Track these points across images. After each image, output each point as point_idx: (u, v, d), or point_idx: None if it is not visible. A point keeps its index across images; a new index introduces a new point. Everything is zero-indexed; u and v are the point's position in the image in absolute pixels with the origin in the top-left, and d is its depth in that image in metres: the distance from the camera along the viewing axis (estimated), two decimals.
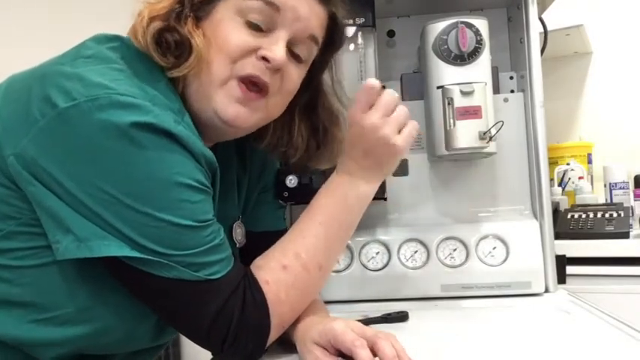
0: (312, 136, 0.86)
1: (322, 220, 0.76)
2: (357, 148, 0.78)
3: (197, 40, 0.69)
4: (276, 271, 0.71)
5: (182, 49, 0.69)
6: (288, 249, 0.73)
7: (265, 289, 0.68)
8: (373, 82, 0.77)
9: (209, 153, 0.68)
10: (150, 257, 0.62)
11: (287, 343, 0.73)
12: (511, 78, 1.13)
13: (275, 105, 0.76)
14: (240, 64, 0.70)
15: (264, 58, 0.70)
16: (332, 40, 0.81)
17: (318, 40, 0.77)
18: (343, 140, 0.85)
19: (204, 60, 0.69)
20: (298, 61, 0.76)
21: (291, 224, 0.78)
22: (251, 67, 0.70)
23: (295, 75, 0.76)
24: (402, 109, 0.78)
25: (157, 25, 0.69)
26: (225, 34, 0.70)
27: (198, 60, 0.69)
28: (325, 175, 0.83)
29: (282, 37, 0.72)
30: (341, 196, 0.78)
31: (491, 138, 0.96)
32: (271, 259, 0.72)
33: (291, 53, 0.74)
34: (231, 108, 0.71)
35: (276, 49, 0.71)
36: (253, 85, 0.71)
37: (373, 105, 0.77)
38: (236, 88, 0.71)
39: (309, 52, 0.77)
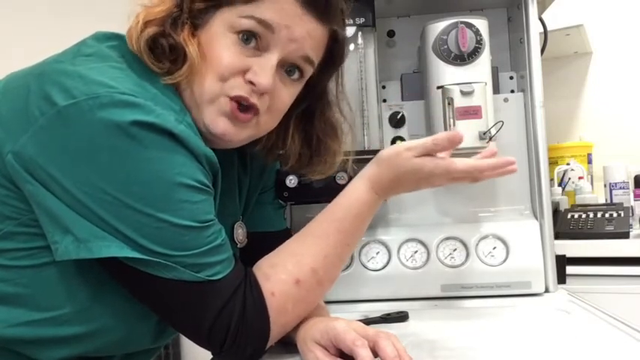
0: (306, 146, 0.85)
1: (349, 242, 0.76)
2: (405, 180, 0.77)
3: (191, 49, 0.68)
4: (287, 285, 0.69)
5: (176, 56, 0.68)
6: (305, 264, 0.71)
7: (270, 300, 0.67)
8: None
9: (210, 153, 0.67)
10: (150, 258, 0.61)
11: (288, 342, 0.73)
12: (511, 78, 1.13)
13: (265, 122, 0.75)
14: (229, 83, 0.69)
15: (252, 82, 0.69)
16: (332, 56, 0.79)
17: (312, 61, 0.75)
18: (338, 152, 0.84)
19: (197, 71, 0.69)
20: (292, 78, 0.75)
21: (292, 224, 0.77)
22: (239, 88, 0.70)
23: (286, 95, 0.75)
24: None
25: (152, 30, 0.68)
26: (218, 51, 0.69)
27: (191, 70, 0.68)
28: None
29: (273, 60, 0.70)
30: (368, 216, 0.78)
31: (491, 138, 0.96)
32: (282, 272, 0.70)
33: (285, 70, 0.73)
34: (220, 123, 0.71)
35: (263, 74, 0.69)
36: (242, 105, 0.71)
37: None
38: (226, 104, 0.70)
39: (304, 70, 0.75)
